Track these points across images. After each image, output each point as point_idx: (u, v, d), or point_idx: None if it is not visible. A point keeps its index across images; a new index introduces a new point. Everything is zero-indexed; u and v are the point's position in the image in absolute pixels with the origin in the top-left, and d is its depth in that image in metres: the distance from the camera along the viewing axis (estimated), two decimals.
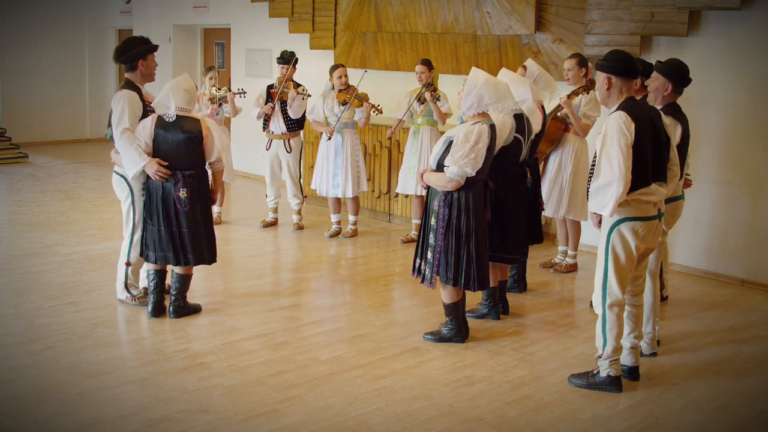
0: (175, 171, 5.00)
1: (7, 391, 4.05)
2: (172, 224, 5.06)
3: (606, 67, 4.08)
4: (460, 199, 4.61)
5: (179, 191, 5.00)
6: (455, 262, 4.67)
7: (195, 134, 5.00)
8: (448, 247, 4.67)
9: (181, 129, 4.98)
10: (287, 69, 7.57)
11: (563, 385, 4.34)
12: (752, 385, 4.45)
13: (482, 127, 4.55)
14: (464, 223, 4.63)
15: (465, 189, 4.60)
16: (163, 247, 5.08)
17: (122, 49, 5.24)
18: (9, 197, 9.19)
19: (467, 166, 4.48)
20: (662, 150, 4.14)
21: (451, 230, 4.65)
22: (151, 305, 5.20)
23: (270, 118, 7.64)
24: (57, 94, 14.03)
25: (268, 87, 7.73)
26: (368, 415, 3.90)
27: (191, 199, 5.03)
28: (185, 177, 5.00)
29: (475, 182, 4.62)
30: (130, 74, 5.27)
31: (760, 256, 6.38)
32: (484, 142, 4.53)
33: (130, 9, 13.45)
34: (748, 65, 6.31)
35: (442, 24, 8.22)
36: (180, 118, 5.00)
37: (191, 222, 5.06)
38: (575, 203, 6.31)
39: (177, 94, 4.97)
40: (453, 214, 4.64)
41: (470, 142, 4.49)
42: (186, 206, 5.02)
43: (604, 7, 6.92)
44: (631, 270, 4.17)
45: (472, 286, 4.70)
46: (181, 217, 5.06)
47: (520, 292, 5.98)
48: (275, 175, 7.88)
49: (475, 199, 4.64)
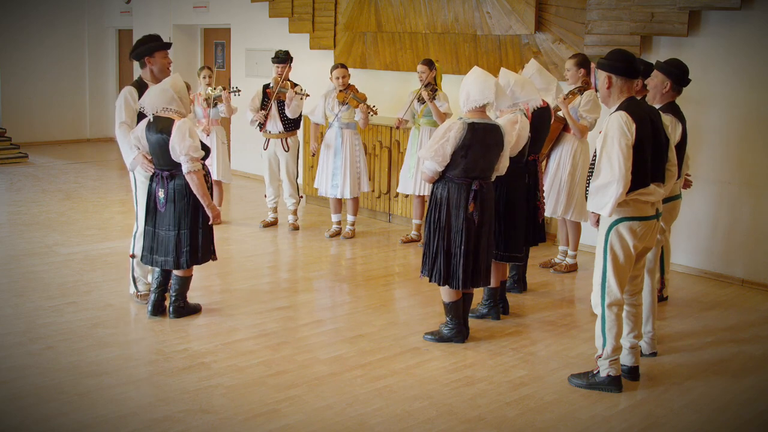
0: (156, 171, 5.02)
1: (7, 391, 4.05)
2: (155, 225, 5.05)
3: (607, 67, 4.07)
4: (443, 197, 4.69)
5: (158, 192, 5.00)
6: (445, 261, 4.73)
7: (166, 134, 4.88)
8: (438, 246, 4.73)
9: (156, 129, 4.92)
10: (283, 68, 7.53)
11: (563, 385, 4.34)
12: (752, 385, 4.45)
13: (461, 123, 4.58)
14: (438, 217, 4.71)
15: (443, 185, 4.68)
16: (151, 248, 5.08)
17: (133, 47, 5.40)
18: (9, 197, 9.19)
19: (435, 158, 4.58)
20: (661, 151, 4.14)
21: (438, 229, 4.73)
22: (151, 304, 5.20)
23: (267, 117, 7.61)
24: (57, 94, 14.03)
25: (264, 87, 7.69)
26: (368, 415, 3.90)
27: (167, 200, 4.99)
28: (163, 178, 4.99)
29: (452, 179, 4.64)
30: (142, 71, 5.38)
31: (760, 256, 6.38)
32: (453, 137, 4.54)
33: (130, 9, 13.45)
34: (748, 65, 6.31)
35: (442, 24, 8.22)
36: (156, 119, 4.94)
37: (169, 223, 4.99)
38: (574, 203, 6.31)
39: (155, 93, 4.93)
40: (432, 208, 4.74)
41: (437, 136, 4.60)
42: (163, 207, 5.00)
43: (604, 7, 6.92)
44: (629, 269, 4.18)
45: (436, 278, 4.76)
46: (158, 218, 5.03)
47: (520, 292, 5.98)
48: (274, 174, 7.86)
49: (456, 196, 4.65)
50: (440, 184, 4.70)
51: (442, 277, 4.74)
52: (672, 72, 4.79)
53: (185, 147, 4.80)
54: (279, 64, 7.53)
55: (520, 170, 5.16)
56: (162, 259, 5.05)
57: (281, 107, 7.55)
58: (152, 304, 5.20)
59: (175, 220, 4.99)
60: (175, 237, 5.00)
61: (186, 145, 4.80)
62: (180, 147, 4.81)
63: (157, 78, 5.30)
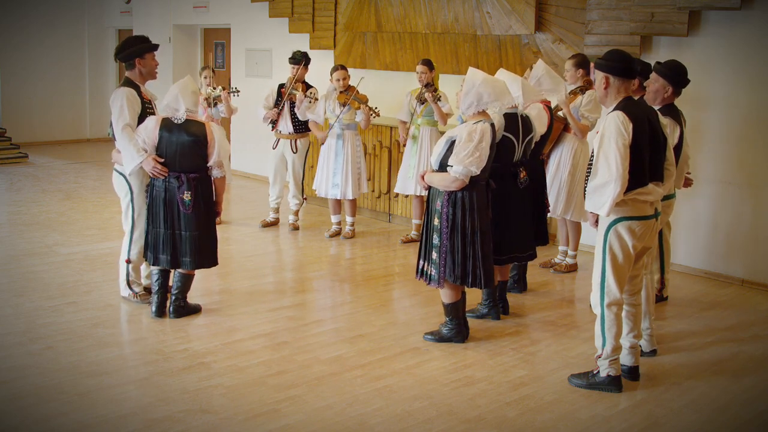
0: (180, 174, 5.01)
1: (7, 391, 4.05)
2: (174, 227, 5.07)
3: (604, 67, 4.08)
4: (464, 198, 4.62)
5: (183, 194, 5.01)
6: (462, 261, 4.68)
7: (200, 138, 5.01)
8: (454, 246, 4.67)
9: (186, 132, 4.99)
10: (297, 69, 7.56)
11: (563, 385, 4.34)
12: (752, 385, 4.45)
13: (484, 125, 4.55)
14: (469, 222, 4.64)
15: (468, 188, 4.61)
16: (161, 249, 5.09)
17: (120, 48, 5.31)
18: (9, 197, 9.19)
19: (472, 165, 4.49)
20: (659, 150, 4.14)
21: (456, 230, 4.65)
22: (155, 305, 5.21)
23: (279, 116, 7.64)
24: (57, 94, 14.02)
25: (279, 86, 7.71)
26: (368, 415, 3.90)
27: (195, 202, 5.04)
28: (189, 180, 5.01)
29: (477, 181, 4.62)
30: (129, 72, 5.32)
31: (760, 256, 6.38)
32: (487, 141, 4.54)
33: (130, 9, 13.45)
34: (749, 65, 6.31)
35: (442, 24, 8.22)
36: (186, 121, 5.02)
37: (193, 225, 5.07)
38: (574, 203, 6.31)
39: (186, 96, 4.99)
40: (458, 213, 4.64)
41: (474, 141, 4.49)
42: (189, 209, 5.03)
43: (604, 7, 6.92)
44: (628, 269, 4.18)
45: (479, 283, 4.72)
46: (183, 220, 5.06)
47: (520, 292, 5.98)
48: (279, 174, 7.86)
49: (479, 198, 4.65)
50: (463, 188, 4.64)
51: (484, 279, 4.71)
52: (673, 77, 4.86)
53: (226, 152, 5.11)
54: (294, 65, 7.57)
55: (508, 172, 5.07)
56: (186, 260, 5.11)
57: (293, 108, 7.57)
58: (156, 305, 5.21)
59: (201, 221, 5.07)
60: (198, 237, 5.08)
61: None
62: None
63: (144, 78, 5.30)
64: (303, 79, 7.64)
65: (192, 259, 5.12)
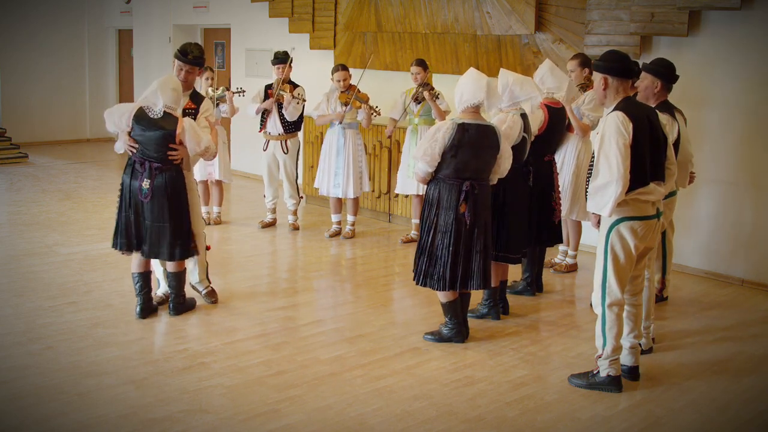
0: (144, 160, 4.99)
1: (7, 391, 4.05)
2: (139, 214, 5.03)
3: (602, 68, 4.09)
4: (430, 193, 4.72)
5: (143, 181, 4.99)
6: (418, 255, 4.79)
7: (170, 131, 4.94)
8: (420, 242, 4.79)
9: (158, 126, 4.93)
10: (283, 69, 7.49)
11: (563, 385, 4.34)
12: (752, 385, 4.45)
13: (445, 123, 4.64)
14: (428, 217, 4.73)
15: (435, 185, 4.70)
16: (127, 233, 5.04)
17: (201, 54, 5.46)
18: (9, 197, 9.19)
19: (423, 160, 4.59)
20: (660, 149, 4.15)
21: (422, 224, 4.78)
22: (139, 307, 5.20)
23: (267, 117, 7.60)
24: (57, 94, 14.03)
25: (266, 87, 7.68)
26: (368, 415, 3.90)
27: (153, 192, 4.97)
28: (151, 169, 4.97)
29: (444, 179, 4.65)
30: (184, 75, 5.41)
31: (760, 256, 6.38)
32: (441, 138, 4.57)
33: (130, 9, 13.45)
34: (749, 65, 6.31)
35: (442, 24, 8.22)
36: (166, 115, 4.97)
37: (154, 216, 4.99)
38: (577, 203, 6.31)
39: (165, 92, 4.93)
40: (425, 208, 4.76)
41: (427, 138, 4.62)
42: (147, 198, 4.97)
43: (604, 7, 6.92)
44: (630, 269, 4.18)
45: (421, 281, 4.78)
46: (145, 209, 5.02)
47: (533, 294, 5.93)
48: (273, 175, 7.85)
49: (447, 196, 4.66)
50: (432, 184, 4.73)
51: (422, 277, 4.76)
52: (660, 72, 4.91)
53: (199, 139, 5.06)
54: (278, 65, 7.51)
55: (519, 171, 5.14)
56: (157, 250, 5.05)
57: (281, 109, 7.54)
58: (140, 307, 5.19)
59: (164, 212, 5.00)
60: (169, 230, 5.00)
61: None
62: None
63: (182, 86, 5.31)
64: (289, 78, 7.59)
65: (150, 248, 5.03)
